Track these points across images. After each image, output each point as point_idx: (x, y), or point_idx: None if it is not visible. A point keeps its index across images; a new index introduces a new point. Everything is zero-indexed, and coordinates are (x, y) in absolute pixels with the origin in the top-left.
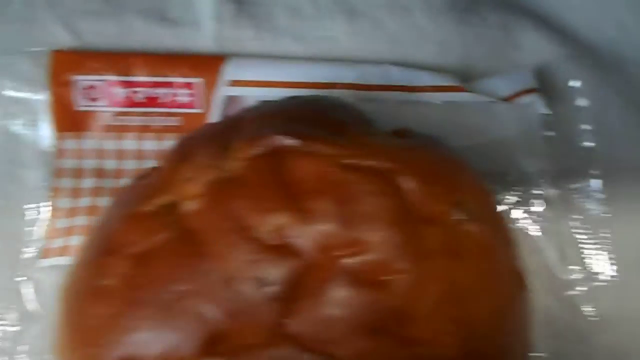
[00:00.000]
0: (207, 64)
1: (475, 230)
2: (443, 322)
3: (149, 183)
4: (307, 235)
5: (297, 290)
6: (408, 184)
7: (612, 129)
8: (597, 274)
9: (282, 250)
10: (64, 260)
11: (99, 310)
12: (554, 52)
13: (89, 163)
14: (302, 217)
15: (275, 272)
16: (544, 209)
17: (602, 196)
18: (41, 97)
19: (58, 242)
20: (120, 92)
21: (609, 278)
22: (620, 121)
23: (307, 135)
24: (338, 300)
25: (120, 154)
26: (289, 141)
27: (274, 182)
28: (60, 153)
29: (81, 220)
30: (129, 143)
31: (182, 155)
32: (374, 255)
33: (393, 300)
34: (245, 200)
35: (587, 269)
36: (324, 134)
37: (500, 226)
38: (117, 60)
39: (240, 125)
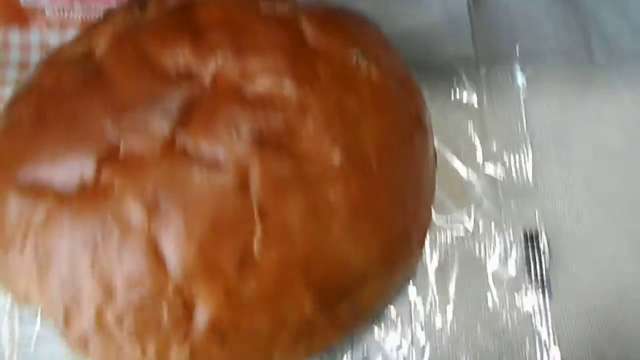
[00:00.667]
0: None
1: (370, 71)
2: (329, 142)
3: (68, 42)
4: (204, 65)
5: (191, 112)
6: (307, 27)
7: (534, 15)
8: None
9: (180, 77)
10: None
11: (9, 137)
12: None
13: (35, 56)
14: (200, 49)
15: (173, 96)
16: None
17: (524, 80)
18: None
19: None
20: None
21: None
22: (540, 7)
23: None
24: (229, 118)
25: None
26: None
27: (179, 23)
28: (4, 46)
29: None
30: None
31: (98, 19)
32: (265, 80)
33: (279, 117)
34: (150, 37)
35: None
36: None
37: (403, 78)
38: None
39: None
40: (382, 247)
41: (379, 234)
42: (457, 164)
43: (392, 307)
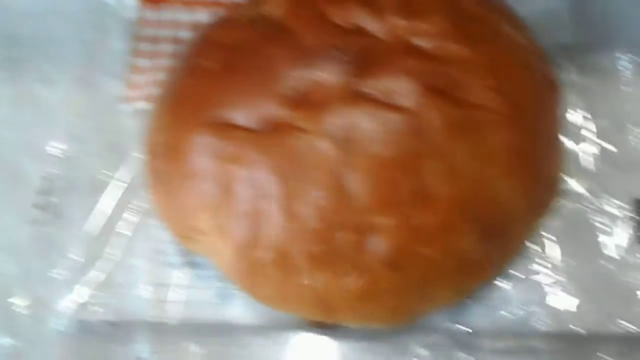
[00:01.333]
0: None
1: (516, 36)
2: (492, 93)
3: (235, 9)
4: (377, 23)
5: (368, 60)
6: None
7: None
8: None
9: (355, 31)
10: (142, 105)
11: (195, 83)
12: None
13: (166, 32)
14: (372, 10)
15: (350, 45)
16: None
17: (628, 70)
18: None
19: (138, 93)
20: None
21: None
22: None
23: None
24: (404, 66)
25: (194, 26)
26: None
27: None
28: (141, 21)
29: (159, 76)
30: (202, 15)
31: None
32: (433, 39)
33: (449, 71)
34: (324, 1)
35: None
36: None
37: (535, 46)
38: None
39: None
40: (535, 190)
41: (533, 177)
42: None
43: None
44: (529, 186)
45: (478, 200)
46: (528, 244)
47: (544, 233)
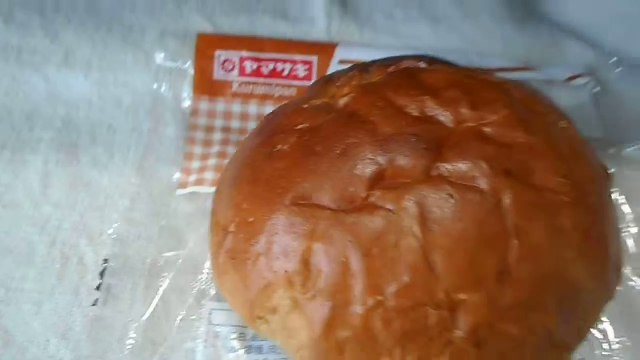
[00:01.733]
0: (322, 46)
1: (569, 126)
2: (557, 176)
3: (300, 99)
4: (445, 112)
5: (442, 145)
6: (513, 89)
7: None
8: None
9: (428, 120)
10: (197, 189)
11: (274, 165)
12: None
13: (219, 122)
14: (439, 100)
15: (425, 132)
16: None
17: None
18: (186, 67)
19: (192, 178)
20: (250, 65)
21: None
22: None
23: (430, 60)
24: (476, 151)
25: (244, 116)
26: (417, 62)
27: (410, 83)
28: (195, 112)
29: (211, 162)
30: (252, 107)
31: (324, 81)
32: (498, 127)
33: (517, 156)
34: (391, 91)
35: None
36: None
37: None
38: (251, 41)
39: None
40: (606, 272)
41: (604, 259)
42: None
43: None
44: (601, 268)
45: (558, 279)
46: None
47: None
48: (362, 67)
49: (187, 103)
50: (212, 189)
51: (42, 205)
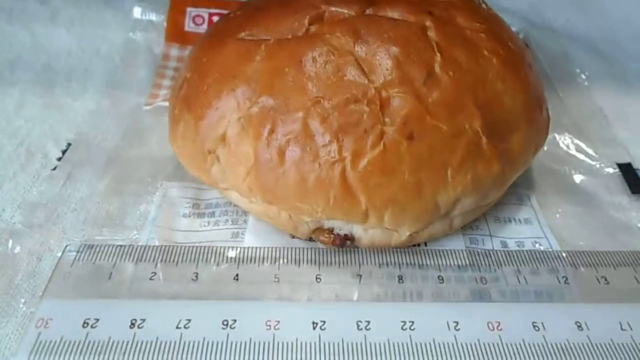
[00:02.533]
0: None
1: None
2: (475, 23)
3: None
4: None
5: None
6: None
7: None
8: None
9: None
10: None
11: (228, 23)
12: None
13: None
14: None
15: None
16: None
17: None
18: (160, 20)
19: (158, 99)
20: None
21: None
22: None
23: None
24: (404, 2)
25: None
26: None
27: None
28: (166, 56)
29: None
30: None
31: None
32: None
33: (440, 7)
34: None
35: None
36: None
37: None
38: (218, 2)
39: None
40: (525, 103)
41: (523, 90)
42: None
43: None
44: (521, 97)
45: (479, 90)
46: None
47: None
48: None
49: (158, 50)
50: None
51: (14, 120)
